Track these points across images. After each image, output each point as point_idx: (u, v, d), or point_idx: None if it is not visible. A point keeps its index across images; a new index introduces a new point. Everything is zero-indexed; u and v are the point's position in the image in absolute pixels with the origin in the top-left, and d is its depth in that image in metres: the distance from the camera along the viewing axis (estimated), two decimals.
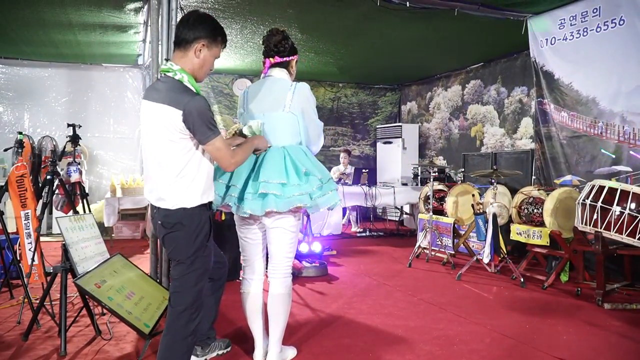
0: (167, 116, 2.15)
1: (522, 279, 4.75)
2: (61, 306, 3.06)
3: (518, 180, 6.21)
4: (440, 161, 9.12)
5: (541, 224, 4.81)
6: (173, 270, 2.32)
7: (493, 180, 5.05)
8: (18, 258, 3.99)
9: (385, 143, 9.75)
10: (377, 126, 10.22)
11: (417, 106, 10.02)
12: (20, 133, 5.74)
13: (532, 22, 5.63)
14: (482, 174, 5.13)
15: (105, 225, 6.73)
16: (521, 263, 5.18)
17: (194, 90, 2.21)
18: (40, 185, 5.23)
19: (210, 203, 2.38)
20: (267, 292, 2.76)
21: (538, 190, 5.08)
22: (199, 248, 2.28)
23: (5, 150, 5.49)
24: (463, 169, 7.23)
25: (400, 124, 9.70)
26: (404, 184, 8.65)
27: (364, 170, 8.03)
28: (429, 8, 5.24)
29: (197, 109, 2.13)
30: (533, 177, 6.00)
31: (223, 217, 4.71)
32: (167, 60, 4.05)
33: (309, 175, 2.59)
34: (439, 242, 5.90)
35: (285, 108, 2.65)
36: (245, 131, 2.60)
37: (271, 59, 2.73)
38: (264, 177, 2.51)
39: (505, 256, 4.97)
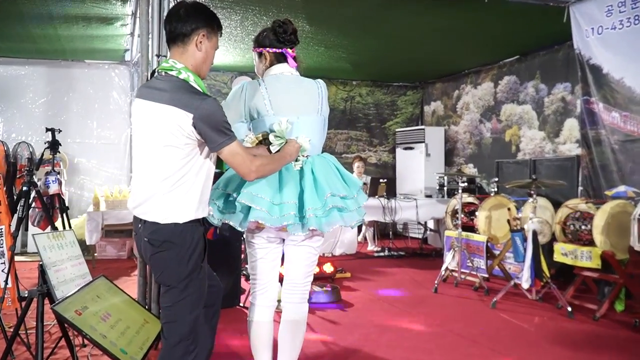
0: (174, 119, 2.16)
1: (569, 308, 4.69)
2: (37, 336, 3.03)
3: (562, 191, 6.14)
4: (470, 169, 9.06)
5: (590, 243, 4.76)
6: (163, 298, 2.29)
7: (532, 192, 5.00)
8: None
9: (405, 149, 9.71)
10: (397, 130, 10.18)
11: (442, 106, 9.98)
12: None
13: (575, 9, 5.59)
14: (519, 184, 5.11)
15: (87, 243, 6.76)
16: (568, 289, 5.12)
17: (203, 91, 2.25)
18: (15, 197, 5.24)
19: (204, 218, 2.38)
20: (277, 322, 2.74)
21: (586, 203, 5.03)
22: (193, 270, 2.26)
23: None
24: (497, 179, 7.16)
25: (423, 127, 9.65)
26: (428, 196, 8.61)
27: (381, 181, 8.00)
28: None
29: (210, 113, 2.16)
30: (580, 188, 5.93)
31: (218, 235, 4.69)
32: (158, 56, 4.11)
33: (361, 188, 2.68)
34: (470, 264, 5.85)
35: (319, 111, 2.71)
36: (271, 137, 2.57)
37: (290, 49, 2.75)
38: (328, 189, 2.52)
39: (549, 281, 4.91)
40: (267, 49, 2.75)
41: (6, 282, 3.93)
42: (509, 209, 5.58)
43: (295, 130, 2.62)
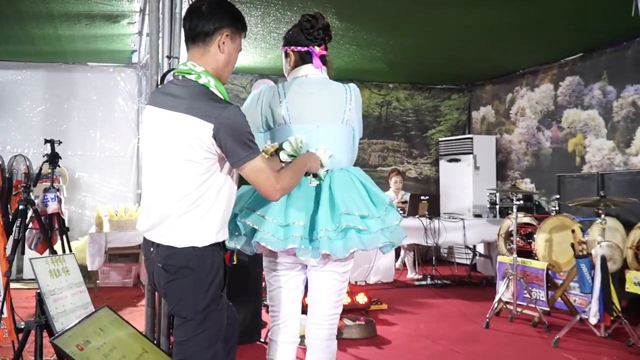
0: (192, 131, 2.18)
1: None
2: None
3: (634, 210, 6.05)
4: (527, 185, 8.98)
5: None
6: (177, 331, 2.31)
7: (600, 211, 4.96)
8: None
9: (450, 161, 9.68)
10: (440, 139, 10.17)
11: (493, 112, 9.94)
12: None
13: None
14: (585, 202, 5.07)
15: (89, 268, 6.84)
16: None
17: (224, 99, 2.28)
18: (10, 217, 5.35)
19: (224, 242, 2.40)
20: None
21: None
22: (212, 300, 2.28)
23: None
24: (558, 196, 7.08)
25: (470, 135, 9.62)
26: (477, 216, 8.56)
27: (422, 198, 7.97)
28: None
29: (233, 124, 2.18)
30: None
31: (235, 261, 4.69)
32: (169, 57, 4.19)
33: (392, 206, 2.66)
34: (527, 295, 5.78)
35: (344, 119, 2.71)
36: (283, 156, 2.57)
37: (318, 47, 2.76)
38: (343, 207, 2.50)
39: (620, 315, 4.84)
40: (292, 47, 2.78)
41: (1, 311, 4.01)
42: (573, 231, 5.50)
43: (315, 141, 2.62)
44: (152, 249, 2.32)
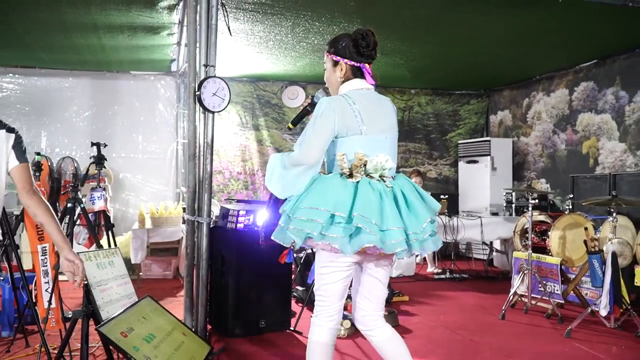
0: None
1: None
2: (82, 358, 3.18)
3: None
4: (542, 185, 8.92)
5: None
6: None
7: (612, 210, 4.93)
8: (34, 300, 4.21)
9: (469, 162, 9.67)
10: (459, 141, 10.16)
11: (510, 116, 9.89)
12: (38, 154, 6.08)
13: None
14: (598, 201, 5.04)
15: (132, 261, 6.99)
16: None
17: None
18: (59, 214, 5.49)
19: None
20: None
21: None
22: None
23: None
24: (572, 195, 7.03)
25: (488, 138, 9.57)
26: (494, 214, 8.53)
27: (442, 197, 7.99)
28: None
29: None
30: None
31: (292, 259, 4.68)
32: (205, 66, 4.28)
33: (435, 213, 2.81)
34: (542, 289, 5.78)
35: (396, 129, 2.86)
36: (370, 168, 2.63)
37: (368, 65, 2.82)
38: (428, 214, 2.68)
39: (629, 307, 4.82)
40: (347, 60, 2.78)
41: (50, 302, 4.12)
42: (585, 229, 5.48)
43: (383, 151, 2.69)
44: None
